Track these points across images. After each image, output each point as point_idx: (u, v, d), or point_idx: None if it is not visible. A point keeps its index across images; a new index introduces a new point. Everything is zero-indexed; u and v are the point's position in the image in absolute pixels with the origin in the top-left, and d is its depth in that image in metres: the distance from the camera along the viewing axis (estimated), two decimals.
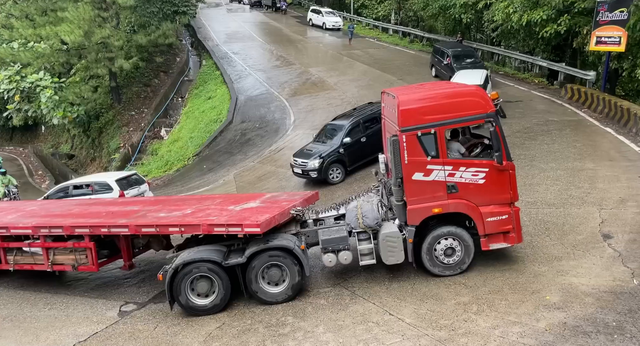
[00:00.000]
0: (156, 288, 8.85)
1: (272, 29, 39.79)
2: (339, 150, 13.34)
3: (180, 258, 7.64)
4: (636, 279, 7.05)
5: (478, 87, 8.30)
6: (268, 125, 21.03)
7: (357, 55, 29.26)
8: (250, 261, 7.59)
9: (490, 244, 7.66)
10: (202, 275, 7.60)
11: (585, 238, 8.37)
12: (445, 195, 7.55)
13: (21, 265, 9.17)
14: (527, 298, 6.93)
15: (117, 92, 27.86)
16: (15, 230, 8.89)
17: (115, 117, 27.48)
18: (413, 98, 7.75)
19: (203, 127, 23.42)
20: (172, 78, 30.43)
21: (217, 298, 7.66)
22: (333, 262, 7.88)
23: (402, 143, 7.42)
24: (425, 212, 7.61)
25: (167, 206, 9.23)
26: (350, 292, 7.76)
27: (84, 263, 8.63)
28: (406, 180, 7.52)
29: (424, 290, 7.50)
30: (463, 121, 7.64)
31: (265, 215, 7.59)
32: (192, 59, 33.66)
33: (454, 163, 7.53)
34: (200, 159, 20.20)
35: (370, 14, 39.54)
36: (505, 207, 7.61)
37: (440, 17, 27.71)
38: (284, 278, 7.72)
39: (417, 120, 7.41)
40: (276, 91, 24.58)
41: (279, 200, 8.77)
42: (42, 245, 8.78)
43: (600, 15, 15.43)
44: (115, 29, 25.42)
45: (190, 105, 27.05)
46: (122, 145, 25.72)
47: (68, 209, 10.01)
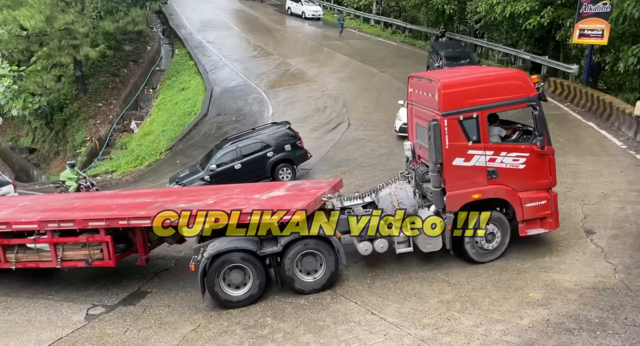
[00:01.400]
0: (126, 290, 8.69)
1: (249, 18, 39.37)
2: (204, 177, 12.92)
3: (212, 248, 7.49)
4: (618, 275, 7.27)
5: (520, 70, 8.45)
6: (245, 118, 20.83)
7: (337, 46, 29.23)
8: (286, 250, 7.57)
9: (527, 230, 7.85)
10: (235, 266, 7.54)
11: (568, 234, 8.58)
12: (485, 181, 7.66)
13: (24, 263, 8.81)
14: (510, 295, 7.07)
15: (82, 82, 27.13)
16: (18, 225, 8.51)
17: (80, 109, 26.77)
18: (455, 81, 7.80)
19: (176, 120, 23.05)
20: (143, 68, 29.79)
21: (252, 288, 7.61)
22: (369, 251, 7.93)
23: (444, 128, 7.45)
24: (464, 198, 7.68)
25: (182, 197, 9.09)
26: (331, 291, 7.77)
27: (98, 258, 8.40)
28: (446, 165, 7.57)
29: (407, 288, 7.57)
30: (506, 105, 7.73)
31: (300, 203, 7.58)
32: (164, 47, 33.02)
33: (495, 148, 7.65)
34: (174, 153, 19.88)
35: (351, 3, 39.54)
36: (543, 192, 7.81)
37: (423, 7, 27.93)
38: (317, 267, 7.73)
39: (459, 104, 7.46)
40: (254, 83, 24.36)
41: (305, 188, 8.80)
42: (50, 241, 8.46)
43: (584, 7, 15.79)
44: (79, 15, 24.70)
45: (162, 97, 26.58)
46: (88, 139, 25.09)
47: (69, 203, 9.70)
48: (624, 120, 13.69)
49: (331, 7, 42.26)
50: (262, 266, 7.64)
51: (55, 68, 26.80)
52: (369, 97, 19.44)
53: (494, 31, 24.76)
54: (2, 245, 8.77)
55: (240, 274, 7.61)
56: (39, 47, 25.32)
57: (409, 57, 26.56)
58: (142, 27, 28.96)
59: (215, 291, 7.56)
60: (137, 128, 24.81)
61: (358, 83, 22.26)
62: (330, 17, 39.42)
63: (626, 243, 8.14)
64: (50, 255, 8.55)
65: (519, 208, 7.73)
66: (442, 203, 7.77)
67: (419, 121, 8.50)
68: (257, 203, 8.00)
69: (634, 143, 12.71)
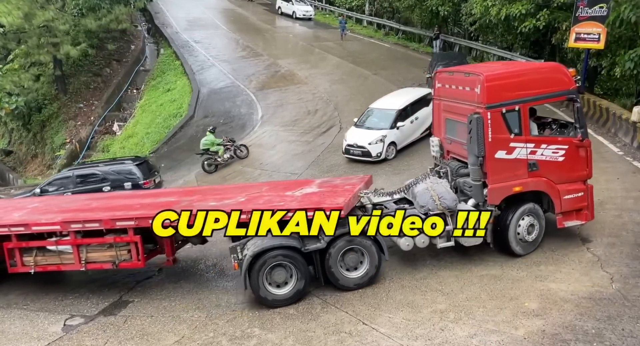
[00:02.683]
0: (107, 300, 8.59)
1: (238, 17, 39.40)
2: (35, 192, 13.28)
3: (255, 246, 7.51)
4: (615, 284, 7.35)
5: (559, 63, 8.83)
6: (233, 121, 20.81)
7: (329, 48, 29.35)
8: (330, 246, 7.65)
9: (564, 222, 8.27)
10: (278, 263, 7.59)
11: (564, 242, 8.67)
12: (526, 173, 7.99)
13: (44, 266, 8.69)
14: (505, 305, 7.11)
15: (62, 82, 26.88)
16: (38, 227, 8.39)
17: (60, 110, 26.52)
18: (498, 74, 8.07)
19: (161, 122, 22.95)
20: (126, 67, 29.64)
21: (295, 286, 7.68)
22: (410, 246, 8.07)
23: (487, 121, 7.65)
24: (506, 191, 7.99)
25: (208, 195, 9.06)
26: (321, 301, 7.76)
27: (125, 259, 8.35)
28: (488, 158, 7.83)
29: (399, 298, 7.59)
30: (546, 97, 8.18)
31: (341, 198, 7.70)
32: (149, 47, 32.91)
33: (536, 140, 7.99)
34: (158, 157, 19.75)
35: (343, 4, 39.74)
36: (580, 184, 8.25)
37: (417, 8, 28.17)
38: (359, 263, 7.86)
39: (501, 97, 7.75)
40: (242, 84, 24.35)
41: (338, 184, 8.94)
42: (73, 242, 8.37)
43: (580, 10, 16.03)
44: (60, 12, 24.52)
45: (146, 98, 26.44)
46: (68, 141, 24.85)
47: (85, 204, 9.62)
48: (621, 126, 13.89)
49: (323, 7, 42.45)
50: (306, 264, 7.72)
51: (34, 67, 26.57)
52: (361, 100, 19.51)
53: (489, 34, 25.02)
54: (19, 248, 8.63)
55: (283, 272, 7.67)
56: (17, 44, 25.07)
57: (403, 59, 26.75)
58: (126, 25, 28.85)
59: (259, 290, 7.63)
60: (119, 131, 24.63)
61: (350, 85, 22.36)
62: (321, 18, 39.61)
63: (623, 252, 8.24)
64: (73, 257, 8.46)
65: (557, 201, 8.13)
66: (482, 197, 8.07)
67: (451, 116, 8.79)
68: (294, 199, 8.08)
69: (630, 149, 12.89)
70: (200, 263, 9.69)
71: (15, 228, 8.49)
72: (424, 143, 14.56)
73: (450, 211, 8.06)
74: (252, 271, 7.54)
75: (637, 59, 13.88)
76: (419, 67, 24.52)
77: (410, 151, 14.79)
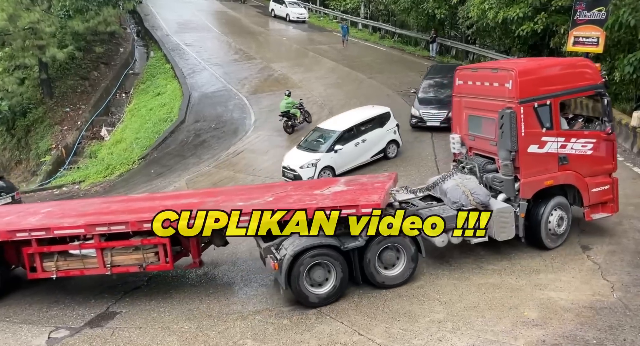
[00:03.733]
0: (93, 311, 8.50)
1: (230, 19, 39.52)
2: None
3: (295, 245, 7.58)
4: (616, 293, 7.39)
5: (587, 58, 9.33)
6: (225, 126, 20.79)
7: (323, 51, 29.49)
8: (369, 244, 7.79)
9: (592, 214, 8.75)
10: (317, 262, 7.68)
11: (563, 250, 8.72)
12: (557, 167, 8.42)
13: (66, 271, 8.62)
14: (504, 314, 7.12)
15: (48, 86, 26.77)
16: (60, 230, 8.31)
17: (46, 114, 26.37)
18: (530, 69, 8.47)
19: (151, 127, 22.88)
20: (115, 71, 29.57)
21: (335, 285, 7.77)
22: (445, 242, 8.28)
23: (520, 115, 7.95)
24: (537, 185, 8.37)
25: (232, 196, 9.08)
26: (316, 310, 7.73)
27: (152, 262, 8.34)
28: (521, 153, 8.17)
29: (396, 307, 7.58)
30: (576, 92, 8.57)
31: (375, 196, 7.87)
32: (139, 49, 32.90)
33: (566, 134, 8.43)
34: (148, 163, 19.69)
35: (337, 6, 40.02)
36: (606, 177, 8.77)
37: (413, 11, 28.41)
38: (396, 261, 8.04)
39: (533, 92, 8.12)
40: (235, 88, 24.38)
41: (366, 182, 9.09)
42: (98, 246, 8.32)
43: (578, 14, 16.20)
44: (46, 13, 24.48)
45: (136, 102, 26.38)
46: (54, 146, 24.69)
47: (104, 207, 9.58)
48: (621, 131, 14.01)
49: (317, 10, 42.71)
50: (345, 262, 7.80)
51: (19, 70, 26.42)
52: (356, 105, 19.50)
53: (486, 37, 25.27)
54: (39, 252, 8.55)
55: (322, 271, 7.76)
56: (1, 47, 24.95)
57: (399, 63, 26.93)
58: (115, 27, 28.81)
59: (300, 290, 7.68)
60: (108, 136, 24.52)
61: (345, 89, 22.44)
62: (316, 20, 39.83)
63: (624, 259, 8.29)
64: (96, 261, 8.43)
65: (585, 194, 8.52)
66: (513, 191, 8.40)
67: (474, 112, 9.08)
68: (326, 197, 8.17)
69: (630, 155, 13.01)
70: (191, 271, 9.64)
71: (36, 233, 8.36)
72: (374, 168, 14.19)
73: (483, 206, 8.29)
74: (292, 271, 7.60)
75: (637, 63, 14.04)
76: (416, 70, 24.69)
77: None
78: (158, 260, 8.35)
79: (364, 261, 7.91)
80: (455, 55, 27.48)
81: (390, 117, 15.14)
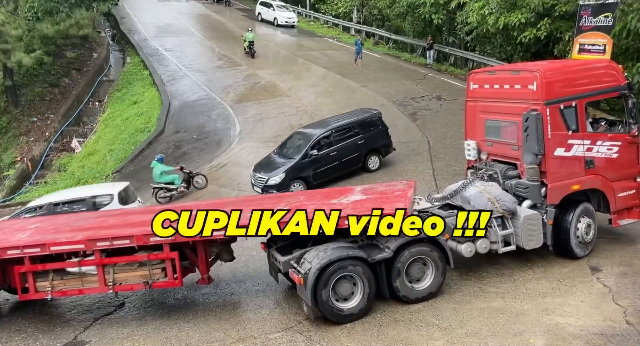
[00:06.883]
0: (59, 340, 8.32)
1: (214, 23, 39.75)
2: None
3: (320, 258, 7.56)
4: (629, 319, 7.36)
5: (610, 60, 9.68)
6: (208, 137, 20.76)
7: (314, 57, 29.71)
8: (397, 255, 7.84)
9: (619, 220, 8.94)
10: (343, 276, 7.67)
11: (571, 271, 8.72)
12: (583, 171, 8.61)
13: (63, 291, 8.42)
14: (508, 341, 7.07)
15: (13, 93, 26.66)
16: (57, 246, 8.09)
17: (10, 124, 26.25)
18: (555, 70, 8.69)
19: (127, 138, 22.80)
20: (88, 77, 29.56)
21: (362, 299, 7.78)
22: (473, 251, 8.40)
23: (546, 117, 8.10)
24: (565, 190, 8.54)
25: (244, 206, 8.94)
26: (305, 338, 7.63)
27: (159, 279, 8.22)
28: (548, 156, 8.34)
29: (392, 334, 7.51)
30: (601, 93, 8.96)
31: (400, 203, 7.92)
32: (114, 55, 32.96)
33: (592, 137, 8.63)
34: (123, 176, 19.54)
35: (329, 11, 40.45)
36: (632, 181, 8.95)
37: (409, 16, 28.81)
38: (421, 275, 8.10)
39: (559, 93, 8.31)
40: (218, 96, 24.42)
41: (385, 191, 9.20)
42: (99, 262, 8.15)
43: (583, 20, 16.52)
44: (12, 15, 24.49)
45: (110, 111, 26.32)
46: (18, 159, 24.50)
47: (102, 221, 9.49)
48: None
49: (307, 14, 43.13)
50: (373, 275, 7.83)
51: None
52: None
53: (486, 44, 25.64)
54: (32, 271, 8.32)
55: (348, 284, 7.76)
56: None
57: (394, 70, 27.18)
58: (88, 31, 28.92)
59: (328, 305, 7.63)
60: (79, 147, 24.38)
61: (337, 98, 22.56)
62: (305, 25, 40.19)
63: (636, 282, 8.30)
64: (97, 279, 8.27)
65: (612, 198, 8.68)
66: (540, 197, 8.51)
67: (492, 116, 9.21)
68: (345, 206, 8.20)
69: None
70: (169, 296, 9.51)
71: (30, 250, 8.16)
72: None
73: (510, 213, 8.36)
74: (318, 286, 7.57)
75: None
76: (412, 79, 24.94)
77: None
78: (165, 276, 8.25)
79: (391, 274, 7.95)
80: (454, 62, 27.81)
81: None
